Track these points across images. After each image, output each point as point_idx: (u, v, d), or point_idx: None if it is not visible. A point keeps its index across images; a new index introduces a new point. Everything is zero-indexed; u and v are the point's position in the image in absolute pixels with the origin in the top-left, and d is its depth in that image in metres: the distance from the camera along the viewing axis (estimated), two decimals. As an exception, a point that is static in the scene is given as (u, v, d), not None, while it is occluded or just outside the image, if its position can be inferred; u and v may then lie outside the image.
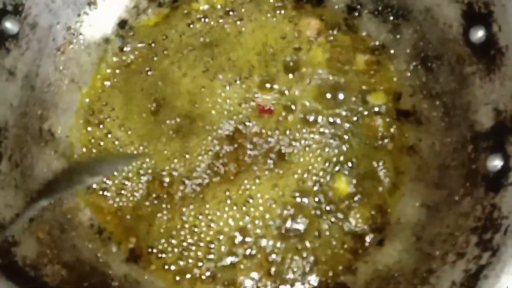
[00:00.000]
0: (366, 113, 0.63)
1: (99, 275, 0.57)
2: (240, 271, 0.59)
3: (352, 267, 0.59)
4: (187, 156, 0.62)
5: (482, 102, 0.55)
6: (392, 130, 0.62)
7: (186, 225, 0.60)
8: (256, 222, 0.60)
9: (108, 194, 0.61)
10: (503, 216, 0.49)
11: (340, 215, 0.60)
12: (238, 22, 0.66)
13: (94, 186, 0.61)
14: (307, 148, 0.62)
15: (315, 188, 0.61)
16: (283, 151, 0.62)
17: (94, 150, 0.63)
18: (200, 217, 0.61)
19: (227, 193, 0.61)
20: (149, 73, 0.65)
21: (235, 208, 0.61)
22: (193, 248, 0.60)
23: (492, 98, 0.53)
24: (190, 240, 0.60)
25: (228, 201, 0.61)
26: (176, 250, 0.60)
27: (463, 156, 0.56)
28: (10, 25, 0.56)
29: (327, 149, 0.62)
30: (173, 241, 0.60)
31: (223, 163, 0.62)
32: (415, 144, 0.62)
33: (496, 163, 0.52)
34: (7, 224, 0.51)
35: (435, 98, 0.61)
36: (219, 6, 0.66)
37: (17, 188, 0.56)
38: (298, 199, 0.61)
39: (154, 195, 0.61)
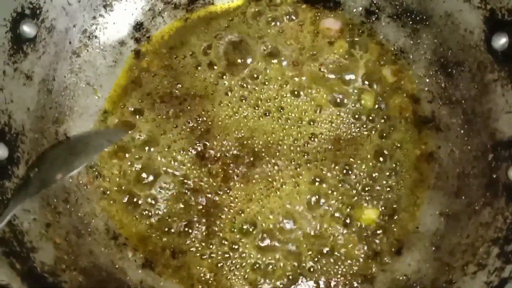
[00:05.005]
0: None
1: (116, 281, 0.57)
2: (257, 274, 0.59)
3: (370, 276, 0.59)
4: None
5: (503, 111, 0.54)
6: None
7: (204, 232, 0.60)
8: (279, 228, 0.60)
9: (125, 200, 0.61)
10: (526, 229, 0.49)
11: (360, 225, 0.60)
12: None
13: (108, 192, 0.61)
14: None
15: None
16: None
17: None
18: (218, 223, 0.60)
19: (246, 201, 0.61)
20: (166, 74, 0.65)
21: (249, 221, 0.60)
22: (210, 254, 0.60)
23: (515, 107, 0.53)
24: (208, 247, 0.60)
25: (245, 210, 0.61)
26: (192, 256, 0.60)
27: (484, 164, 0.56)
28: (27, 29, 0.56)
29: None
30: (190, 247, 0.60)
31: (243, 172, 0.62)
32: (434, 151, 0.61)
33: (519, 173, 0.51)
34: None
35: (455, 104, 0.60)
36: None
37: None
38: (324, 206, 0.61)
39: (171, 202, 0.61)
